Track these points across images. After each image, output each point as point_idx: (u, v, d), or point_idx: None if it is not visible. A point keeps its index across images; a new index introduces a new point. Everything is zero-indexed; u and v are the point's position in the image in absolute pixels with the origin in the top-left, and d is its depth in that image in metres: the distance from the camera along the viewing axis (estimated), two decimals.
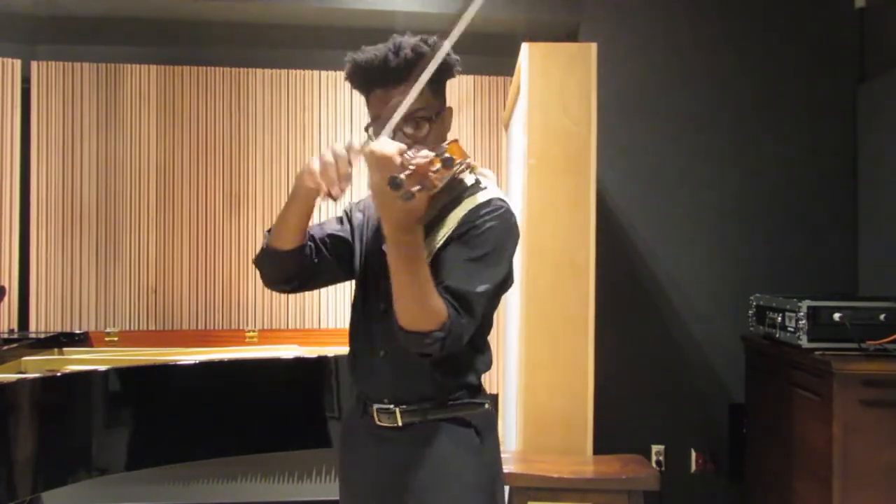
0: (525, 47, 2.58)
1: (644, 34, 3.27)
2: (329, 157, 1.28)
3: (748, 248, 3.26)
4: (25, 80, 3.22)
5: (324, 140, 3.37)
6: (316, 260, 1.46)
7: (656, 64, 3.27)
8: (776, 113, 3.29)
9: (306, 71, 3.37)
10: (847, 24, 3.29)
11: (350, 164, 1.28)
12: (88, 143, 3.26)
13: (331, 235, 1.50)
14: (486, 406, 1.46)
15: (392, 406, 1.40)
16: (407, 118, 1.33)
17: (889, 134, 3.06)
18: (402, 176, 1.12)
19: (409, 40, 1.36)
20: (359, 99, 3.39)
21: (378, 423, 1.42)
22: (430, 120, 1.37)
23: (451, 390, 1.42)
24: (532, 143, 2.52)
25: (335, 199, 1.31)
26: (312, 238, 1.47)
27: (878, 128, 3.14)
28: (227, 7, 3.25)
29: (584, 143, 2.50)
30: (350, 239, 1.51)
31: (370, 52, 1.36)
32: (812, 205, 3.29)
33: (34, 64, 3.23)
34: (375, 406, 1.42)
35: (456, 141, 1.27)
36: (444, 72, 1.38)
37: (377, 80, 1.37)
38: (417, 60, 1.32)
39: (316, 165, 1.29)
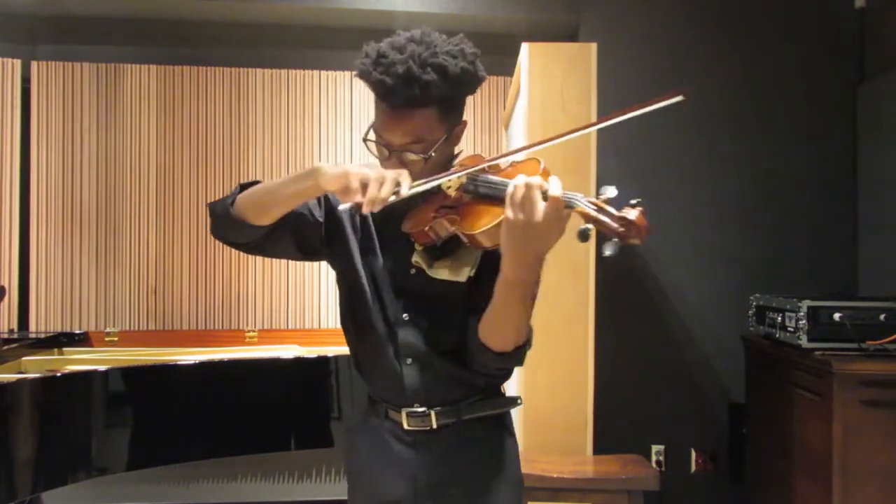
0: (525, 47, 2.58)
1: (644, 34, 3.27)
2: (373, 175, 1.17)
3: (748, 248, 3.26)
4: (25, 80, 3.22)
5: (324, 140, 3.36)
6: (276, 234, 1.37)
7: (656, 64, 3.27)
8: (776, 113, 3.29)
9: (306, 71, 3.37)
10: (847, 24, 3.29)
11: (397, 193, 1.19)
12: (88, 143, 3.26)
13: (300, 216, 1.40)
14: (519, 402, 1.46)
15: (425, 409, 1.38)
16: (404, 149, 1.29)
17: (889, 134, 3.06)
18: (591, 226, 1.07)
19: (436, 55, 1.25)
20: (359, 99, 3.41)
21: (407, 427, 1.39)
22: (429, 154, 1.30)
23: (482, 389, 1.41)
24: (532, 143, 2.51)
25: (360, 214, 1.21)
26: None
27: (878, 128, 3.14)
28: (227, 7, 3.25)
29: (583, 143, 2.50)
30: (320, 223, 1.42)
31: (375, 71, 1.25)
32: (812, 205, 3.29)
33: (34, 64, 3.23)
34: (404, 411, 1.39)
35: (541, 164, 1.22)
36: (466, 90, 1.32)
37: (384, 100, 1.27)
38: (441, 82, 1.24)
39: (355, 176, 1.18)
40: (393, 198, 1.19)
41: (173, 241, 3.29)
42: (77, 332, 3.13)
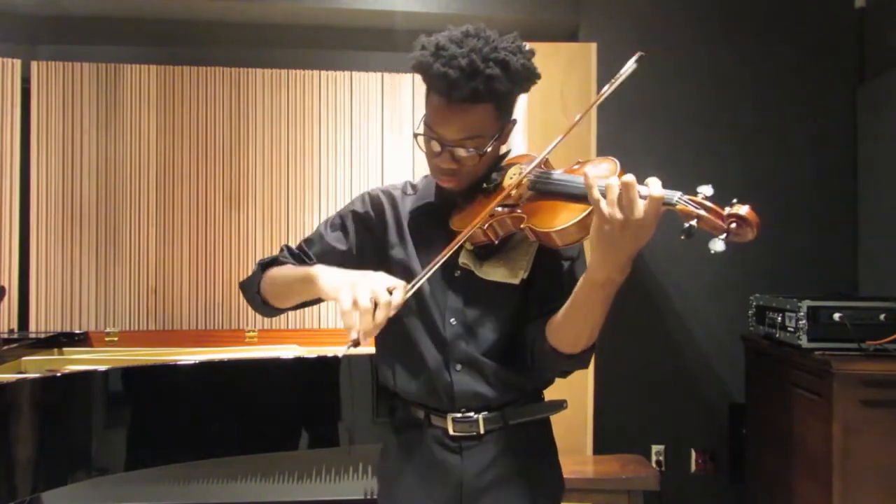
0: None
1: (644, 34, 3.27)
2: (366, 303, 1.12)
3: (748, 248, 3.23)
4: (25, 80, 3.21)
5: (324, 140, 3.36)
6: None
7: (656, 64, 3.27)
8: (776, 113, 3.29)
9: (306, 71, 3.37)
10: (847, 24, 3.29)
11: (390, 313, 1.15)
12: (88, 143, 3.26)
13: (329, 254, 1.41)
14: (564, 405, 1.46)
15: (473, 414, 1.36)
16: (458, 144, 1.27)
17: (889, 134, 3.06)
18: (695, 223, 1.07)
19: (497, 50, 1.23)
20: (359, 99, 3.41)
21: (453, 433, 1.37)
22: (484, 151, 1.29)
23: (528, 393, 1.41)
24: (532, 143, 2.52)
25: (355, 346, 1.15)
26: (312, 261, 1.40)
27: (878, 128, 3.14)
28: (227, 7, 3.25)
29: (584, 143, 2.50)
30: (346, 251, 1.42)
31: (437, 63, 1.23)
32: (812, 204, 3.29)
33: (34, 64, 3.23)
34: (450, 416, 1.37)
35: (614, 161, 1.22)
36: (523, 86, 1.31)
37: (442, 94, 1.24)
38: (504, 77, 1.23)
39: (346, 300, 1.13)
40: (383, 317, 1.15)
41: (173, 241, 3.29)
42: (77, 332, 3.12)
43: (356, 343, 1.13)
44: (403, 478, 1.43)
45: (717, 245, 1.07)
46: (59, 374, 2.36)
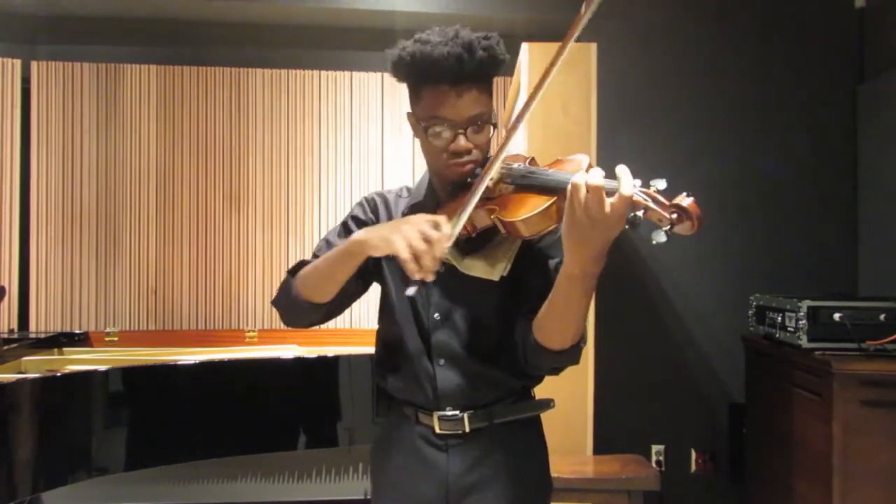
0: (525, 47, 2.58)
1: (644, 34, 3.27)
2: (420, 244, 1.16)
3: (748, 248, 3.26)
4: (25, 80, 3.22)
5: (324, 140, 3.36)
6: (349, 291, 1.39)
7: (656, 64, 3.27)
8: (776, 113, 3.29)
9: (306, 71, 3.37)
10: (847, 24, 3.29)
11: (447, 243, 1.19)
12: (88, 143, 3.26)
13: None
14: (552, 404, 1.46)
15: (458, 413, 1.36)
16: (471, 122, 1.30)
17: (889, 134, 3.06)
18: (641, 214, 1.07)
19: (479, 39, 1.29)
20: (359, 99, 3.41)
21: (439, 431, 1.38)
22: (492, 123, 1.33)
23: (515, 391, 1.41)
24: (532, 143, 2.52)
25: (423, 286, 1.20)
26: None
27: (878, 128, 3.14)
28: (227, 7, 3.25)
29: (584, 143, 2.50)
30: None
31: (438, 47, 1.27)
32: (812, 205, 3.29)
33: (34, 64, 3.23)
34: (436, 414, 1.37)
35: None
36: (497, 69, 1.35)
37: (445, 78, 1.28)
38: (490, 61, 1.29)
39: (402, 248, 1.16)
40: (446, 250, 1.19)
41: (173, 241, 3.29)
42: (77, 332, 3.13)
43: (423, 283, 1.18)
44: (391, 475, 1.45)
45: (660, 237, 1.07)
46: (59, 374, 2.36)
